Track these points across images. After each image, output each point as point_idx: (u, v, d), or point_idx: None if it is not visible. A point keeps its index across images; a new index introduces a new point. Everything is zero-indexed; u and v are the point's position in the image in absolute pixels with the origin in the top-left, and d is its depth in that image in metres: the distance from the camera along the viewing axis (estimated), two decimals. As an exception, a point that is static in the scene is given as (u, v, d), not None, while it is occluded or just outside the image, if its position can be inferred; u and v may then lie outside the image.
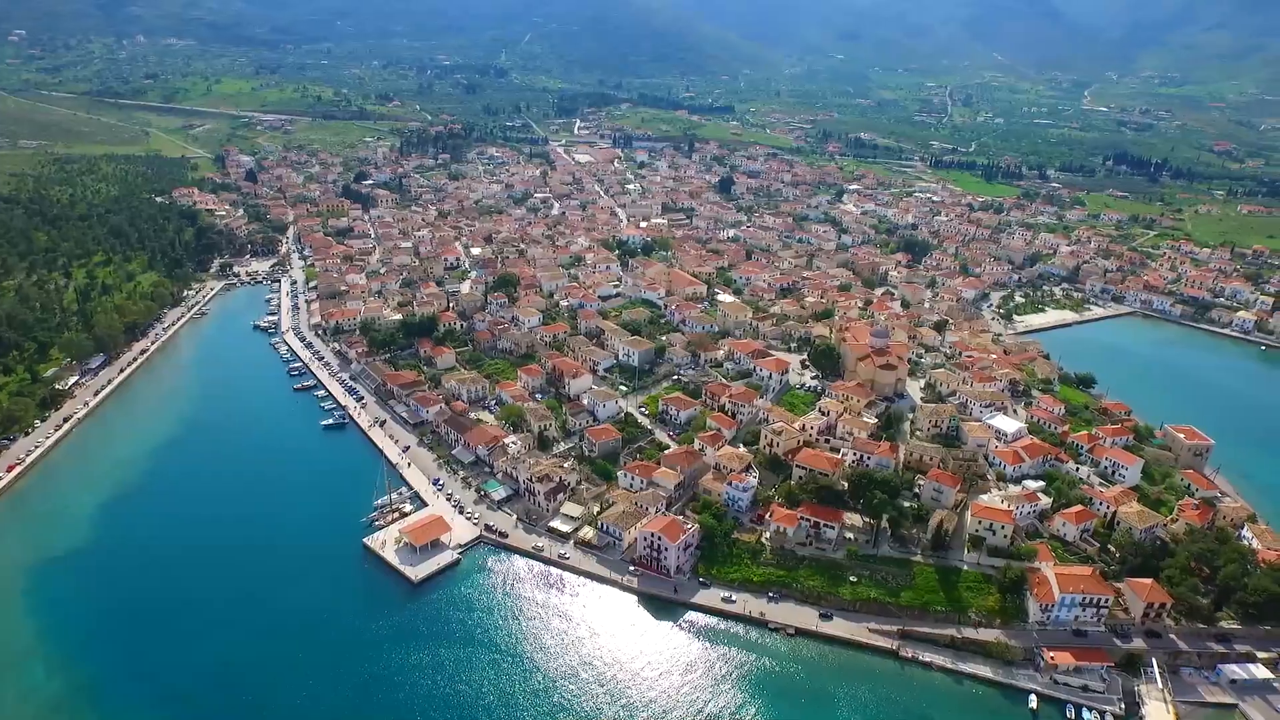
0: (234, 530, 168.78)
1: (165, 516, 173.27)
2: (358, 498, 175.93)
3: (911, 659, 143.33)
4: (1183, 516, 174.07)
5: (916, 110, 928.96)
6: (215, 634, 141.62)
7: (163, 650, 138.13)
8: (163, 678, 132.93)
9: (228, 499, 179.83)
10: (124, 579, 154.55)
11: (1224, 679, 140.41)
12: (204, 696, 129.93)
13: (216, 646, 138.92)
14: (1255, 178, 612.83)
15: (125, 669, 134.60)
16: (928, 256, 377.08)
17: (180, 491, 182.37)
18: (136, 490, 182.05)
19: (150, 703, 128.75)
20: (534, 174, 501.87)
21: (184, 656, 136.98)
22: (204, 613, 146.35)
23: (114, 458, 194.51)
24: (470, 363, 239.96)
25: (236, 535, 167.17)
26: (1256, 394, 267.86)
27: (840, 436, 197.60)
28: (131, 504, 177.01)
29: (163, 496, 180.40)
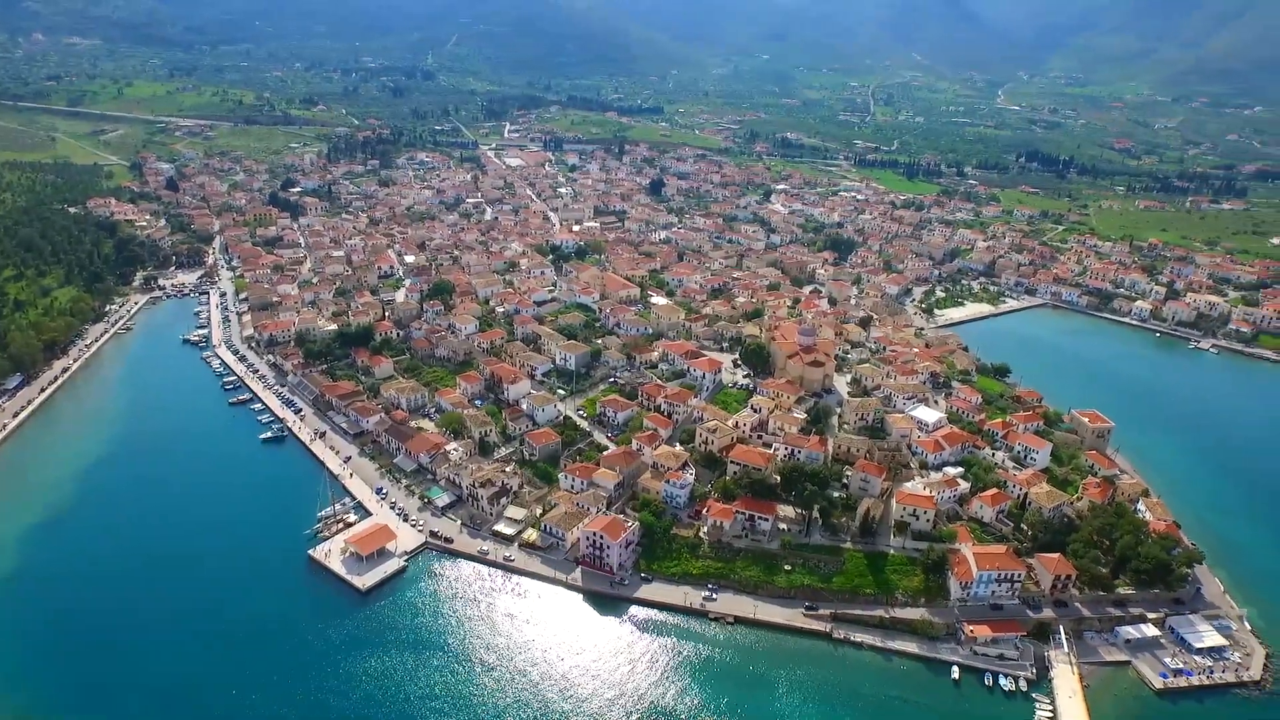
0: (174, 548, 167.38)
1: (101, 538, 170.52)
2: (301, 510, 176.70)
3: (843, 640, 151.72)
4: (1086, 494, 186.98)
5: (841, 110, 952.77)
6: (160, 654, 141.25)
7: (105, 673, 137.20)
8: (106, 700, 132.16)
9: (166, 517, 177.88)
10: (59, 603, 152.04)
11: (1120, 639, 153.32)
12: (151, 717, 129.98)
13: (162, 667, 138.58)
14: (1151, 174, 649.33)
15: (66, 694, 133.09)
16: (853, 254, 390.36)
17: (116, 512, 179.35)
18: (68, 513, 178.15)
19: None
20: (465, 179, 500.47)
21: (128, 678, 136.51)
22: (147, 634, 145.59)
23: (41, 480, 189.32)
24: (408, 371, 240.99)
25: (177, 553, 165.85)
26: (1151, 378, 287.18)
27: (772, 432, 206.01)
28: (64, 527, 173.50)
29: (97, 517, 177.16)
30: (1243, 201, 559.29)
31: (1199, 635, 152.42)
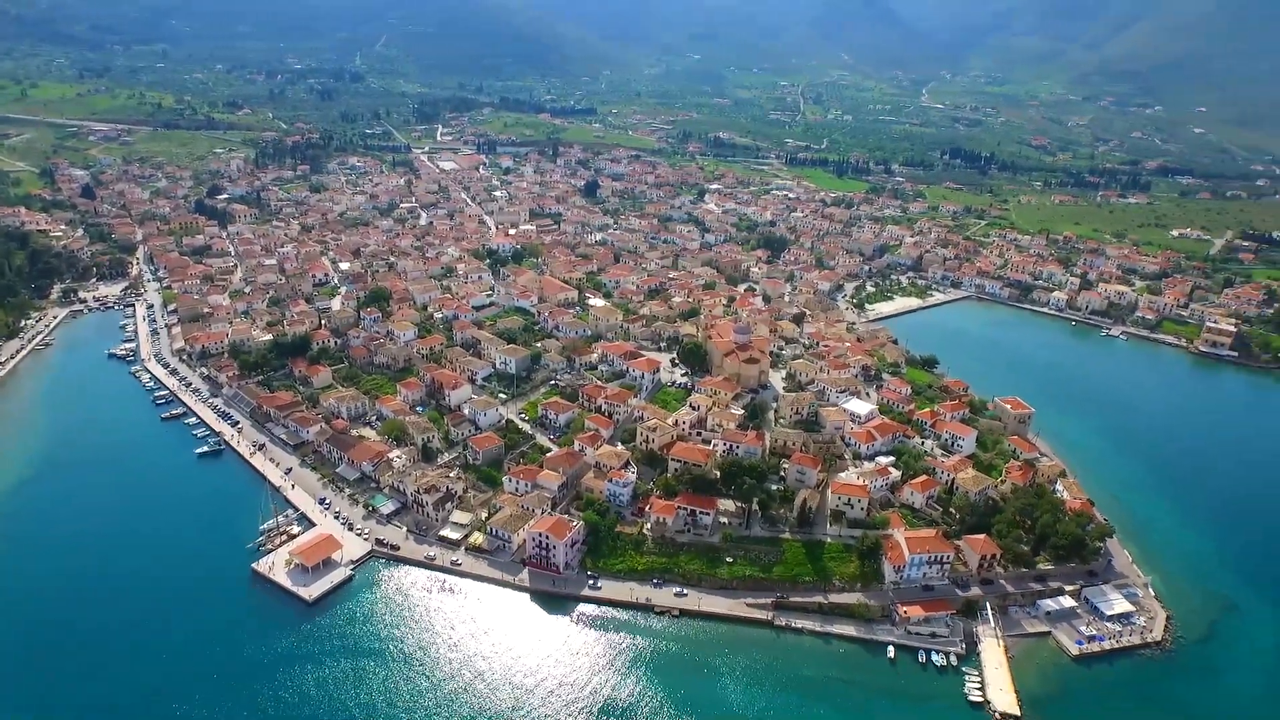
0: (111, 567, 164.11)
1: (32, 559, 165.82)
2: (242, 523, 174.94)
3: (785, 626, 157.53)
4: (1009, 478, 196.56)
5: (771, 109, 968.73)
6: (100, 673, 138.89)
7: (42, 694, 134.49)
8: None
9: (100, 537, 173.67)
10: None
11: (1041, 611, 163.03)
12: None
13: (102, 689, 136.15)
14: (1065, 170, 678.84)
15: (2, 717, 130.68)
16: (786, 252, 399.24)
17: (45, 532, 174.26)
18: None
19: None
20: (398, 183, 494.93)
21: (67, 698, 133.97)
22: (86, 653, 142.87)
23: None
24: (347, 380, 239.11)
25: (114, 572, 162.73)
26: (1068, 364, 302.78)
27: (711, 429, 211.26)
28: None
29: (24, 540, 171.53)
30: (1146, 196, 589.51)
31: (1110, 603, 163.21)
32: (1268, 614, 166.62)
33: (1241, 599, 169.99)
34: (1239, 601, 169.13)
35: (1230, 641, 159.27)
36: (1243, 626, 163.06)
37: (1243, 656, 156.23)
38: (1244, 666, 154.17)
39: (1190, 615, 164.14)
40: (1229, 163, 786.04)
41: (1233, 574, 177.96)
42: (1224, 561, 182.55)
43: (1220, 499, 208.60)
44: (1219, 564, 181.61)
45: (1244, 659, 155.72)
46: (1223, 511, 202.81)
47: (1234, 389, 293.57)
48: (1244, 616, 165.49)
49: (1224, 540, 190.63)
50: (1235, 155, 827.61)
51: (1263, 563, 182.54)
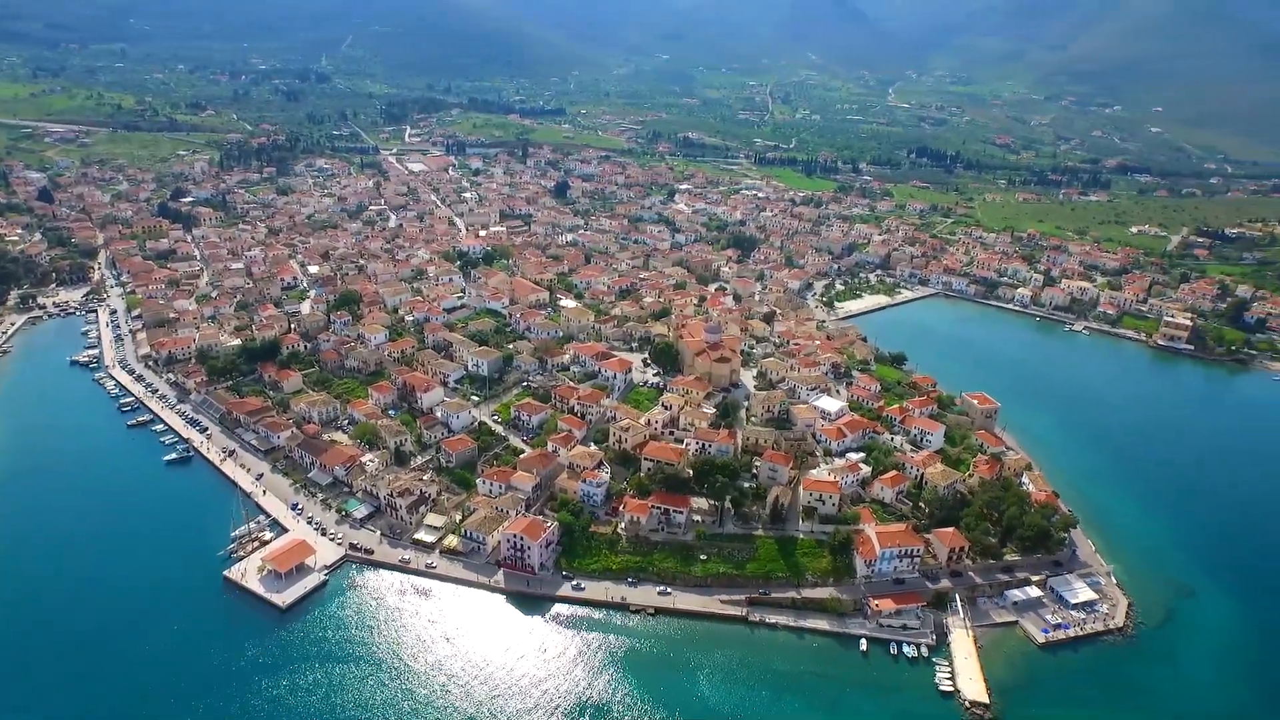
0: (78, 579, 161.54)
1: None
2: (213, 531, 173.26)
3: (759, 622, 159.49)
4: (977, 471, 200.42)
5: (740, 109, 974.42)
6: (68, 688, 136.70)
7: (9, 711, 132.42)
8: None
9: (66, 547, 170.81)
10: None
11: (1008, 601, 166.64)
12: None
13: (71, 701, 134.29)
14: (1029, 168, 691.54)
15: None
16: (756, 251, 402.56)
17: (8, 545, 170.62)
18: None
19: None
20: (367, 185, 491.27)
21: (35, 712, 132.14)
22: (53, 668, 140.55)
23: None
24: (318, 384, 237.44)
25: (82, 584, 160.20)
26: (1033, 359, 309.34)
27: (683, 428, 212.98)
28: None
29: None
30: (1106, 194, 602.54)
31: (1074, 592, 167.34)
32: (1222, 598, 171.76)
33: (1198, 584, 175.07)
34: (1195, 587, 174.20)
35: (1187, 626, 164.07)
36: (1199, 611, 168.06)
37: (1199, 640, 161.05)
38: (1200, 649, 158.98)
39: (1150, 601, 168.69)
40: (1184, 161, 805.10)
41: (1190, 560, 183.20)
42: (1181, 548, 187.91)
43: (1178, 488, 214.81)
44: (1177, 551, 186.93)
45: (1200, 642, 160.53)
46: (1180, 500, 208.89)
47: (1190, 381, 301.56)
48: (1200, 601, 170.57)
49: (1181, 528, 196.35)
50: (1190, 154, 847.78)
51: (1217, 549, 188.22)
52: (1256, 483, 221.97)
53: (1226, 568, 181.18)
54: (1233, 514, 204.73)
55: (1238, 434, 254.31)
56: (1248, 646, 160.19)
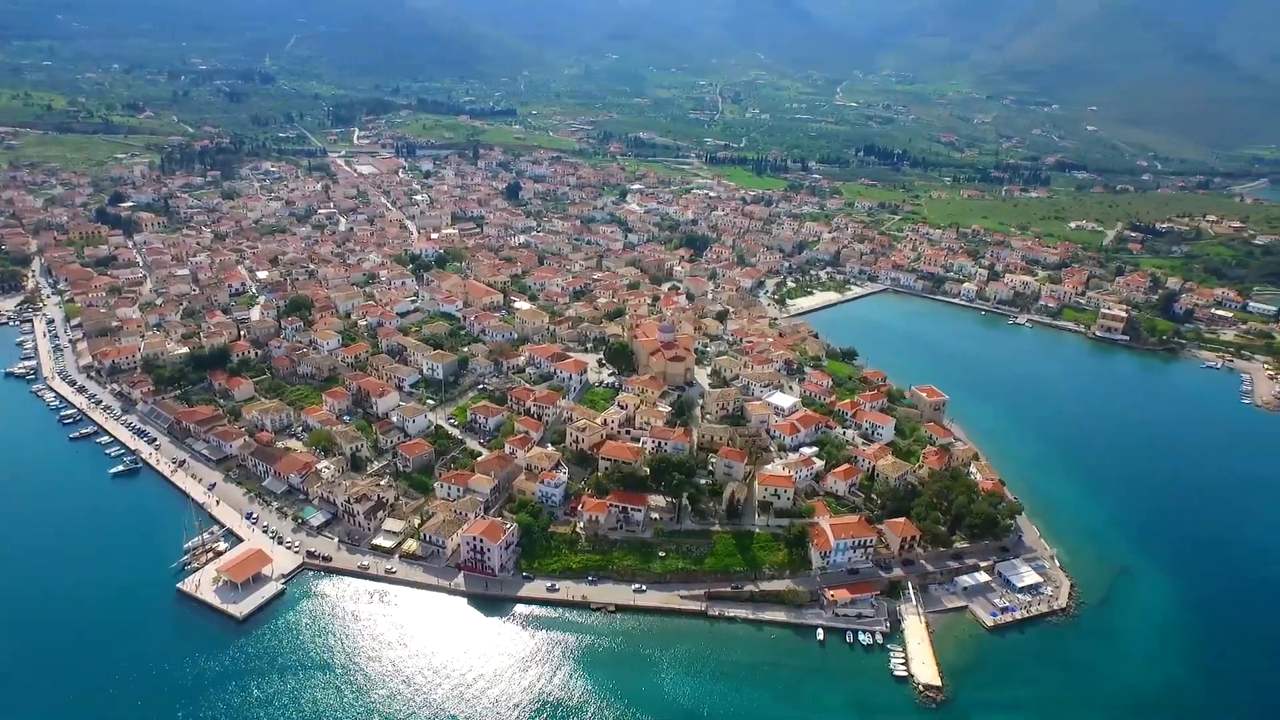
0: (24, 596, 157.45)
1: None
2: (165, 543, 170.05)
3: (718, 616, 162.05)
4: (926, 463, 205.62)
5: (691, 108, 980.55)
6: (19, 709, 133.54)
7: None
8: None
9: (9, 565, 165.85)
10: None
11: (958, 587, 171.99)
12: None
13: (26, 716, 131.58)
14: (973, 165, 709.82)
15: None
16: (708, 250, 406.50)
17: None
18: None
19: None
20: (315, 189, 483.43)
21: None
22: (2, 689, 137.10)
23: None
24: (271, 391, 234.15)
25: (29, 602, 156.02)
26: (979, 352, 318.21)
27: (639, 427, 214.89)
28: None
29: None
30: (1046, 190, 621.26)
31: (1020, 576, 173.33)
32: (1157, 575, 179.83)
33: (1135, 563, 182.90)
34: (1133, 566, 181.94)
35: (1126, 603, 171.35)
36: (1136, 588, 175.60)
37: (1136, 615, 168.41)
38: (1137, 624, 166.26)
39: (1091, 582, 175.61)
40: (1118, 158, 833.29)
41: (1127, 541, 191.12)
42: (1119, 530, 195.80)
43: (1116, 473, 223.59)
44: (1115, 533, 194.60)
45: (1137, 617, 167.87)
46: (1118, 484, 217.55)
47: (1126, 370, 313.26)
48: (1137, 579, 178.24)
49: (1119, 510, 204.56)
50: (1123, 152, 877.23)
51: (1152, 529, 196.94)
52: (1187, 465, 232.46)
53: (1161, 546, 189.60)
54: (1166, 495, 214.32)
55: (1170, 419, 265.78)
56: (1182, 620, 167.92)
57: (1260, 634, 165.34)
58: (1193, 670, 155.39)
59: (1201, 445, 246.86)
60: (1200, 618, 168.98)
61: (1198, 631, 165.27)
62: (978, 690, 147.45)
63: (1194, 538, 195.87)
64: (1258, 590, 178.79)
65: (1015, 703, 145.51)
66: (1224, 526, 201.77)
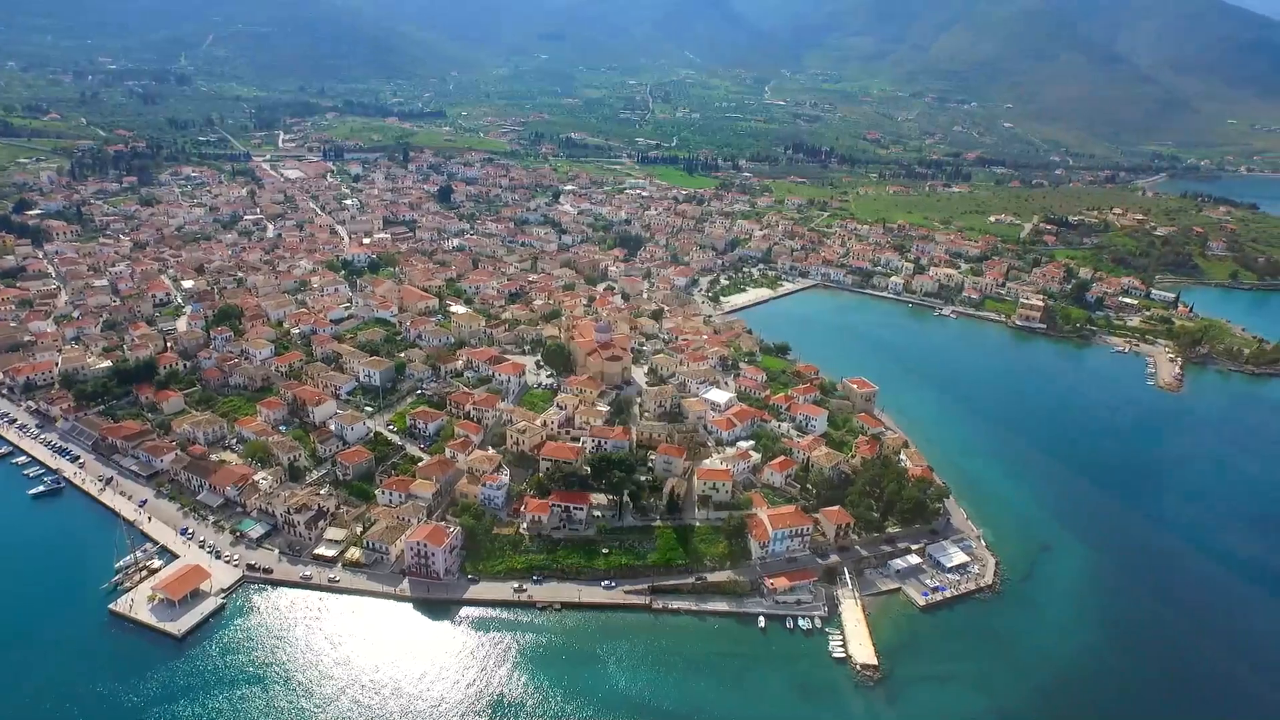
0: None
1: None
2: (94, 564, 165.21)
3: (662, 609, 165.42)
4: (858, 452, 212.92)
5: (621, 108, 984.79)
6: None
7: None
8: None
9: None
10: None
11: (892, 570, 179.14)
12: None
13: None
14: (898, 161, 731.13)
15: None
16: (642, 250, 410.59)
17: None
18: None
19: None
20: (240, 194, 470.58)
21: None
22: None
23: None
24: (202, 403, 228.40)
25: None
26: (907, 343, 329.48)
27: (579, 427, 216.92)
28: None
29: None
30: (968, 185, 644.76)
31: (949, 556, 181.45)
32: (1075, 549, 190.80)
33: (1054, 539, 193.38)
34: (1052, 542, 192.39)
35: (1046, 577, 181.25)
36: (1055, 563, 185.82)
37: (1056, 588, 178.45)
38: (1057, 596, 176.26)
39: (1015, 559, 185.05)
40: (1033, 154, 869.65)
41: (1047, 519, 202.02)
42: (1040, 509, 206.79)
43: (1035, 454, 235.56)
44: (1036, 511, 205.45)
45: (1057, 590, 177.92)
46: (1038, 465, 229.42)
47: (1044, 357, 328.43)
48: (1056, 554, 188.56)
49: (1039, 490, 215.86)
50: (1038, 147, 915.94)
51: (1069, 506, 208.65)
52: (1099, 445, 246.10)
53: (1077, 523, 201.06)
54: (1081, 474, 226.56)
55: (1084, 403, 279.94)
56: (1096, 589, 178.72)
57: (1165, 597, 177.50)
58: (1107, 634, 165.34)
59: (1112, 426, 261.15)
60: (1112, 586, 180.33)
61: (1110, 599, 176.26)
62: (912, 666, 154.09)
63: (1106, 512, 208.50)
64: (1162, 557, 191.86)
65: (947, 676, 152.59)
66: (1133, 501, 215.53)
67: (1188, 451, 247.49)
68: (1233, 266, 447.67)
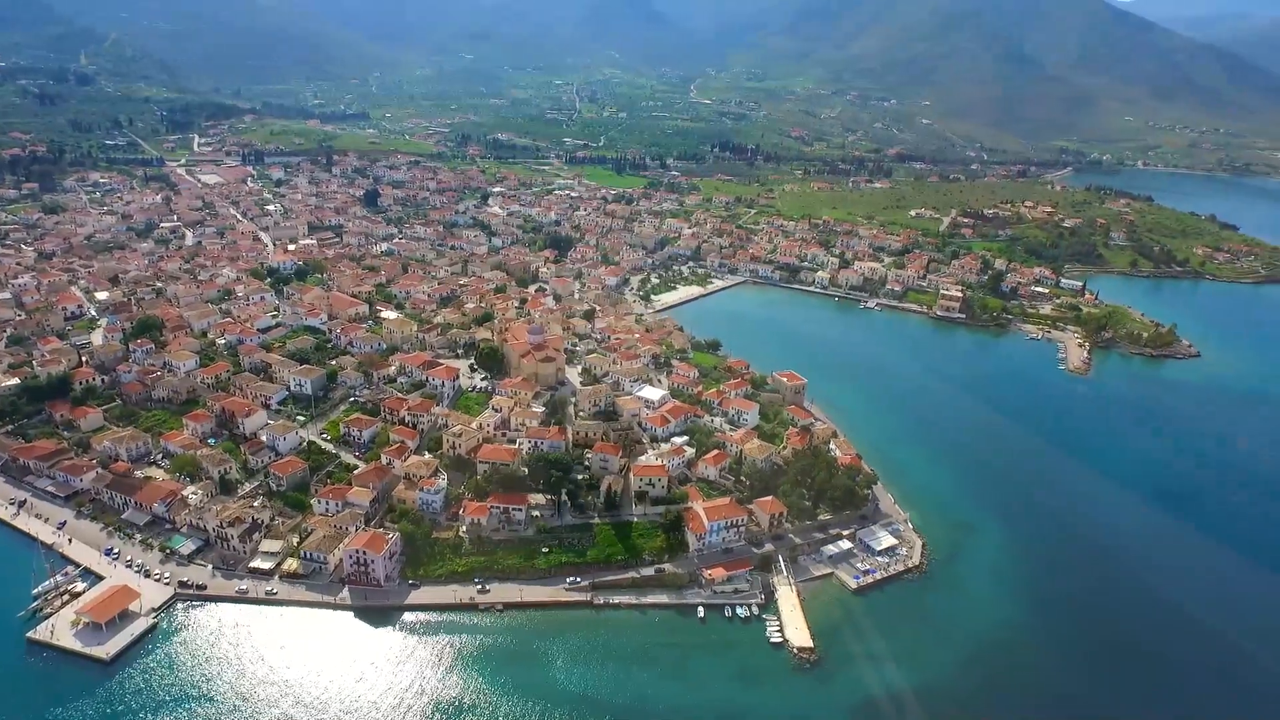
0: None
1: None
2: (8, 592, 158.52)
3: (603, 605, 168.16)
4: (789, 443, 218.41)
5: (548, 108, 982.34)
6: None
7: None
8: None
9: None
10: None
11: (824, 556, 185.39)
12: None
13: None
14: (822, 158, 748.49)
15: None
16: (572, 250, 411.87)
17: None
18: None
19: None
20: (155, 201, 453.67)
21: None
22: None
23: None
24: (124, 419, 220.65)
25: None
26: (834, 336, 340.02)
27: (515, 429, 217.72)
28: None
29: None
30: (889, 180, 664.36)
31: (879, 540, 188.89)
32: (994, 528, 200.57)
33: (975, 519, 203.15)
34: (974, 522, 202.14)
35: (969, 556, 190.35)
36: (977, 542, 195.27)
37: (978, 565, 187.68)
38: (977, 573, 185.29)
39: (939, 540, 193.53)
40: (950, 149, 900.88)
41: (969, 500, 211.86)
42: (962, 490, 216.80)
43: (957, 438, 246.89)
44: (959, 493, 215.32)
45: (979, 567, 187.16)
46: (960, 449, 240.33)
47: (963, 345, 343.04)
48: (977, 533, 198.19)
49: (962, 472, 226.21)
50: (954, 143, 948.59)
51: (989, 486, 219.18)
52: (1016, 427, 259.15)
53: (995, 502, 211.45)
54: (1000, 456, 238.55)
55: (1001, 388, 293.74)
56: (1015, 565, 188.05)
57: (1077, 568, 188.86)
58: (1026, 607, 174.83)
59: (1028, 409, 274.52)
60: (1029, 561, 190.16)
61: (1027, 573, 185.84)
62: (846, 647, 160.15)
63: (1023, 491, 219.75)
64: (1074, 531, 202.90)
65: (880, 654, 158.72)
66: (1047, 479, 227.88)
67: (1096, 430, 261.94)
68: (1132, 255, 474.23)
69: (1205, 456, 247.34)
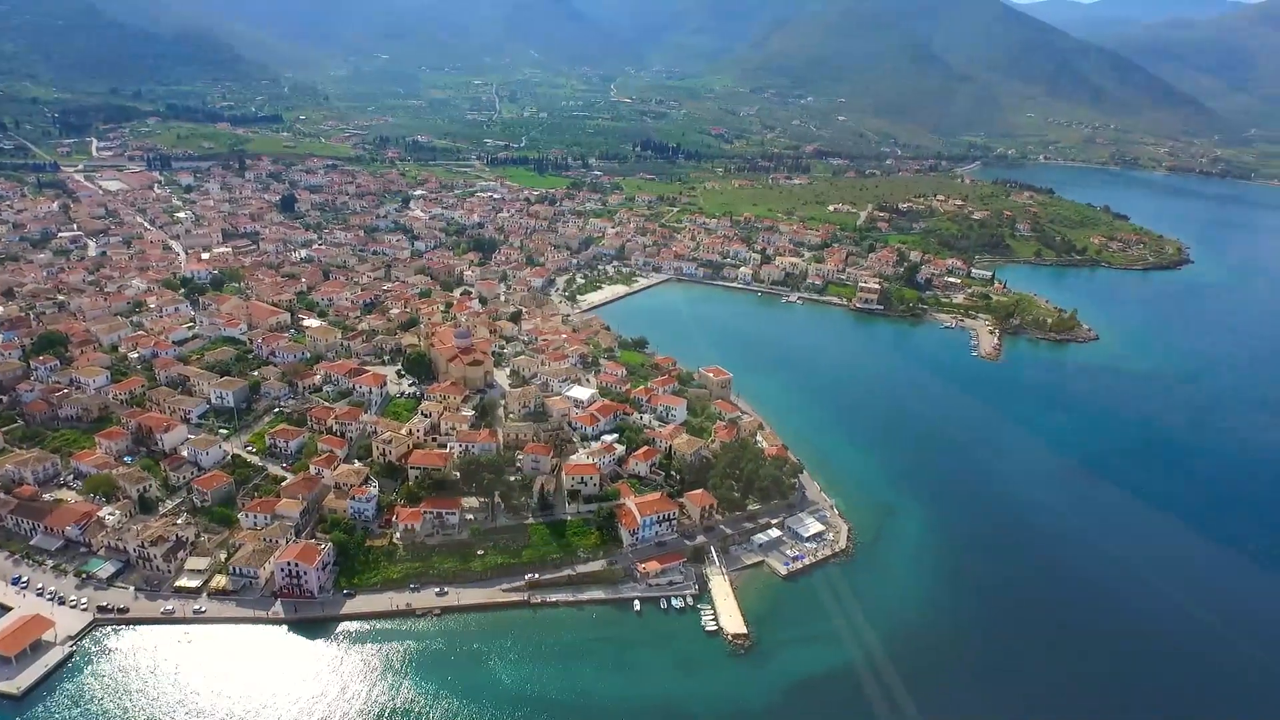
0: None
1: None
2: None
3: (540, 603, 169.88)
4: (718, 437, 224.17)
5: (468, 109, 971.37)
6: None
7: None
8: None
9: None
10: None
11: (755, 545, 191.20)
12: None
13: None
14: (742, 156, 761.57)
15: None
16: (496, 252, 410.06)
17: None
18: None
19: None
20: (51, 209, 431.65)
21: None
22: None
23: None
24: (26, 440, 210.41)
25: None
26: (758, 330, 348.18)
27: (445, 433, 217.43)
28: None
29: None
30: (807, 177, 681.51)
31: (806, 527, 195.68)
32: (915, 511, 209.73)
33: (897, 503, 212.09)
34: (896, 506, 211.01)
35: (892, 538, 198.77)
36: (899, 524, 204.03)
37: (901, 547, 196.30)
38: (900, 553, 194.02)
39: (864, 524, 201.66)
40: (866, 145, 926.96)
41: (891, 485, 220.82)
42: (884, 475, 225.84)
43: (878, 425, 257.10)
44: (881, 478, 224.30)
45: (902, 549, 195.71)
46: (881, 435, 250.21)
47: (882, 335, 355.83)
48: (899, 516, 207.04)
49: (883, 458, 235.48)
50: (870, 139, 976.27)
51: (909, 471, 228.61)
52: (933, 412, 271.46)
53: (915, 486, 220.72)
54: (919, 441, 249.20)
55: (919, 375, 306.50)
56: (935, 546, 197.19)
57: (994, 544, 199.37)
58: (947, 585, 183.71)
59: (944, 395, 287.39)
60: (951, 540, 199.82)
61: (950, 552, 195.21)
62: (779, 632, 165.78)
63: (941, 473, 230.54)
64: (989, 511, 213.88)
65: (811, 636, 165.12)
66: (962, 461, 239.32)
67: (1008, 412, 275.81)
68: (1036, 246, 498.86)
69: (1109, 432, 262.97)
